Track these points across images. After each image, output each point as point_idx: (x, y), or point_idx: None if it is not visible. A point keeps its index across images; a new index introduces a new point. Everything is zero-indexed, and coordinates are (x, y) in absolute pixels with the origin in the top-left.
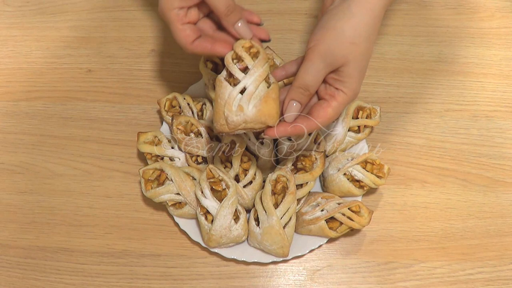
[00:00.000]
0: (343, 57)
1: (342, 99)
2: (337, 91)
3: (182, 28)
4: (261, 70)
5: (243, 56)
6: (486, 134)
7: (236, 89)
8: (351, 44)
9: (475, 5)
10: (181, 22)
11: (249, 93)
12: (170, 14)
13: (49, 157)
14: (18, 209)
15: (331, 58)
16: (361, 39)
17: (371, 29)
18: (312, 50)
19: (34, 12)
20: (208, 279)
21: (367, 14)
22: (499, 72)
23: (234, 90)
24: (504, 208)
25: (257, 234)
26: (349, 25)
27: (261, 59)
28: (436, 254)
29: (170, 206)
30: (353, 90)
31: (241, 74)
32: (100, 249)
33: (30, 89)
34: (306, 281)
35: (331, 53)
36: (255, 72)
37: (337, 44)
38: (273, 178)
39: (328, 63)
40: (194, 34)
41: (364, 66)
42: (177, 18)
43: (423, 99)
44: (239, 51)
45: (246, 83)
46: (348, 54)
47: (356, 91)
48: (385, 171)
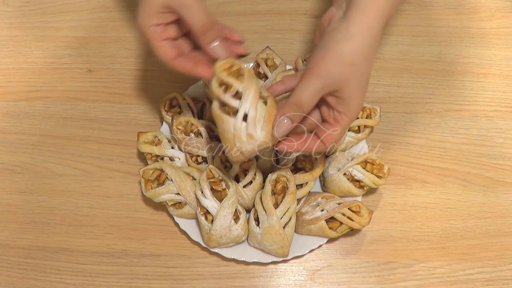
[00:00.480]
0: (343, 79)
1: (345, 122)
2: (340, 115)
3: (161, 44)
4: (253, 90)
5: (229, 82)
6: (486, 134)
7: (238, 119)
8: (350, 65)
9: (475, 5)
10: (159, 39)
11: (252, 118)
12: (148, 31)
13: (49, 157)
14: (18, 209)
15: (330, 80)
16: (360, 60)
17: (370, 48)
18: (311, 71)
19: (34, 12)
20: (208, 279)
21: (366, 34)
22: (499, 72)
23: (237, 121)
24: (504, 208)
25: (257, 234)
26: (348, 47)
27: (248, 77)
28: (436, 254)
29: (170, 206)
30: (355, 112)
31: (236, 102)
32: (100, 249)
33: (30, 89)
34: (306, 281)
35: (330, 75)
36: (249, 94)
37: (336, 66)
38: (273, 178)
39: (326, 85)
40: (174, 50)
41: (364, 85)
42: (154, 35)
43: (423, 99)
44: (223, 76)
45: (245, 109)
46: (348, 75)
47: (358, 111)
48: (385, 171)
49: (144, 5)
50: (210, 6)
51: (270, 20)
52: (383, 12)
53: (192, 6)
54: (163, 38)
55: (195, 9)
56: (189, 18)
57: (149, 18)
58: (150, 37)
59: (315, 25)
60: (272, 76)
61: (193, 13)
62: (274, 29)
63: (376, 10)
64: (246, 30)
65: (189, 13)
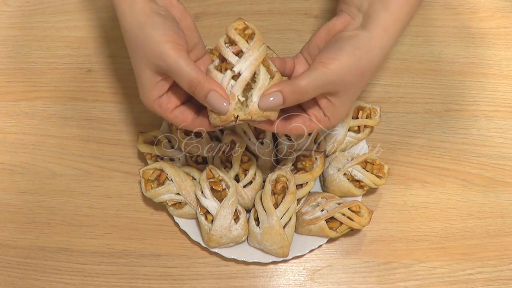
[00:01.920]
0: (348, 84)
1: (325, 124)
2: (324, 117)
3: (173, 116)
4: (257, 54)
5: (236, 39)
6: (486, 134)
7: (227, 75)
8: (360, 75)
9: (475, 5)
10: (169, 112)
11: (243, 79)
12: (155, 108)
13: (49, 157)
14: (18, 209)
15: (337, 79)
16: (370, 72)
17: (380, 65)
18: (322, 64)
19: (34, 12)
20: (208, 279)
21: (383, 51)
22: (499, 72)
23: (225, 77)
24: (504, 208)
25: (257, 234)
26: (367, 58)
27: (257, 40)
28: (436, 254)
29: (170, 206)
30: (339, 120)
31: (235, 58)
32: (100, 249)
33: (30, 89)
34: (306, 281)
35: (339, 75)
36: (250, 55)
37: (349, 70)
38: (273, 178)
39: (331, 82)
40: (187, 114)
41: (356, 97)
42: (162, 109)
43: (423, 99)
44: (232, 34)
45: (240, 68)
46: (353, 83)
47: (341, 120)
48: (385, 171)
49: (139, 79)
50: (210, 6)
51: (270, 20)
52: (400, 32)
53: (173, 68)
54: (171, 110)
55: (180, 69)
56: (178, 80)
57: (149, 93)
58: (160, 111)
59: (315, 25)
60: None
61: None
62: (274, 29)
63: (394, 32)
64: None
65: (176, 75)
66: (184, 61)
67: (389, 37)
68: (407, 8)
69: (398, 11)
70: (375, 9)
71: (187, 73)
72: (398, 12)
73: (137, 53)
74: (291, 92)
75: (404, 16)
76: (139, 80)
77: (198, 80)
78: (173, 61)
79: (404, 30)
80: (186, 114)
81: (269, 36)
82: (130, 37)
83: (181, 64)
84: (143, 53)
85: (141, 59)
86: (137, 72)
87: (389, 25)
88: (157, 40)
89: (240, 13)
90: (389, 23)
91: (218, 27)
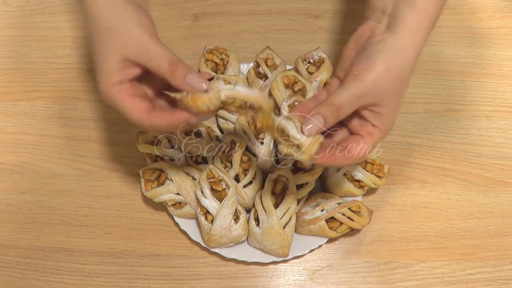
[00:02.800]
0: (386, 91)
1: (378, 136)
2: (374, 128)
3: (131, 100)
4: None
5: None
6: (486, 134)
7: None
8: (396, 78)
9: (475, 5)
10: (128, 95)
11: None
12: (112, 90)
13: (49, 157)
14: (18, 209)
15: (375, 90)
16: (406, 74)
17: (414, 65)
18: (355, 78)
19: (34, 12)
20: (208, 279)
21: (414, 50)
22: (499, 72)
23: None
24: (504, 208)
25: (257, 234)
26: (398, 60)
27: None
28: (436, 254)
29: (170, 206)
30: (389, 127)
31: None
32: (100, 249)
33: (30, 89)
34: (306, 281)
35: (377, 85)
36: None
37: (385, 78)
38: (273, 178)
39: (368, 93)
40: (147, 103)
41: (401, 102)
42: (120, 92)
43: (423, 99)
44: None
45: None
46: (391, 89)
47: (391, 126)
48: (385, 171)
49: (100, 67)
50: (210, 6)
51: (270, 20)
52: (429, 30)
53: (152, 51)
54: (132, 95)
55: (155, 52)
56: (153, 64)
57: (109, 77)
58: (116, 95)
59: (315, 25)
60: (272, 76)
61: (155, 57)
62: (274, 29)
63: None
64: (246, 30)
65: (151, 58)
66: (163, 45)
67: (418, 35)
68: (434, 3)
69: (424, 8)
70: (400, 10)
71: (169, 54)
72: (424, 8)
73: (107, 39)
74: (328, 111)
75: (431, 12)
76: (100, 65)
77: (178, 61)
78: (153, 45)
79: (433, 26)
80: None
81: (269, 36)
82: (100, 23)
83: (162, 47)
84: (115, 40)
85: (110, 45)
86: (101, 57)
87: (415, 23)
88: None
89: (240, 13)
90: (416, 21)
91: (218, 27)
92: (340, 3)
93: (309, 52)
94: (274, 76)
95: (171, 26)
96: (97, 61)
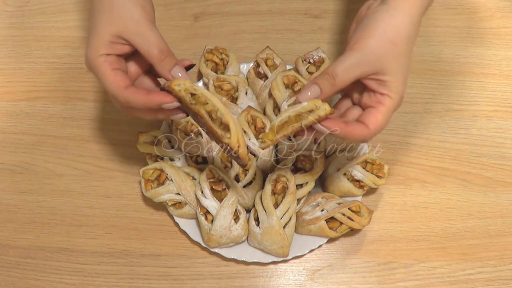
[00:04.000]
0: (383, 57)
1: (390, 103)
2: (382, 96)
3: (112, 73)
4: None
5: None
6: (486, 134)
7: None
8: (391, 44)
9: (475, 5)
10: (110, 67)
11: None
12: (97, 61)
13: (49, 157)
14: (18, 209)
15: (371, 57)
16: (402, 40)
17: (411, 31)
18: (349, 48)
19: (34, 12)
20: (208, 279)
21: (407, 18)
22: (499, 72)
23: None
24: (504, 208)
25: (257, 234)
26: (390, 26)
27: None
28: (436, 254)
29: (170, 206)
30: (399, 93)
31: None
32: (100, 249)
33: (30, 89)
34: (306, 281)
35: (370, 50)
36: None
37: (379, 43)
38: (273, 178)
39: (365, 60)
40: (126, 79)
41: (406, 68)
42: (105, 63)
43: (423, 99)
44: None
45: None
46: (389, 54)
47: (402, 94)
48: (385, 171)
49: (92, 36)
50: (210, 6)
51: (270, 20)
52: (422, 2)
53: (147, 34)
54: (115, 68)
55: (150, 36)
56: (145, 46)
57: (98, 47)
58: (99, 66)
59: (315, 25)
60: (272, 76)
61: (149, 40)
62: (274, 29)
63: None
64: (246, 30)
65: (144, 41)
66: (157, 32)
67: (410, 5)
68: None
69: None
70: None
71: (161, 42)
72: None
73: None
74: (324, 80)
75: None
76: (95, 34)
77: (168, 51)
78: (148, 29)
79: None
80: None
81: (269, 36)
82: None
83: (156, 32)
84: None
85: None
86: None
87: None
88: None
89: (240, 13)
90: None
91: (218, 27)
92: (340, 3)
93: (309, 52)
94: (274, 76)
95: (171, 26)
96: (92, 30)
